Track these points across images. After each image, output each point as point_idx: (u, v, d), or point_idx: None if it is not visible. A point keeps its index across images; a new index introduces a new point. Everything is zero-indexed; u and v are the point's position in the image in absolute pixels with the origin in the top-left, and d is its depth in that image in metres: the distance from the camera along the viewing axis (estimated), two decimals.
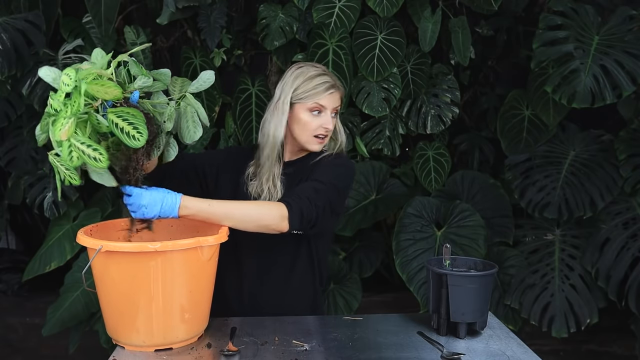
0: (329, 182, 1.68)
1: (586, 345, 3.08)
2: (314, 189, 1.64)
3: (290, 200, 1.59)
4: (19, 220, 3.48)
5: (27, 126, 2.83)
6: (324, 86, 1.72)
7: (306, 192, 1.62)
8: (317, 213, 1.61)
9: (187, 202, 1.48)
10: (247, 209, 1.57)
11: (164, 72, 1.50)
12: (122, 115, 1.33)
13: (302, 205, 1.58)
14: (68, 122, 1.31)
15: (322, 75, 1.74)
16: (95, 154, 1.31)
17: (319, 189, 1.64)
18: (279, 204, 1.58)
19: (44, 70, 1.40)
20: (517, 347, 1.50)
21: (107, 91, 1.34)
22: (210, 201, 1.52)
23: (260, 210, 1.58)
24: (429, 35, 2.71)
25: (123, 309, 1.44)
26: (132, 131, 1.33)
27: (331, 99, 1.73)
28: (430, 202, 2.76)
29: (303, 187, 1.66)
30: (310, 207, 1.60)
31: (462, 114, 3.11)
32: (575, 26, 2.58)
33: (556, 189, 2.74)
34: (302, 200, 1.59)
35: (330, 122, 1.74)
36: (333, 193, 1.68)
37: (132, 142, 1.33)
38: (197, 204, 1.49)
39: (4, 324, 3.19)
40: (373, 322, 1.67)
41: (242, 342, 1.50)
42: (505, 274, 2.75)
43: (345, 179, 1.77)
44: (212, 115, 2.88)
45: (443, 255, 1.64)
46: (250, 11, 2.98)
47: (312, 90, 1.71)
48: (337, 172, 1.74)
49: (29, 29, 2.56)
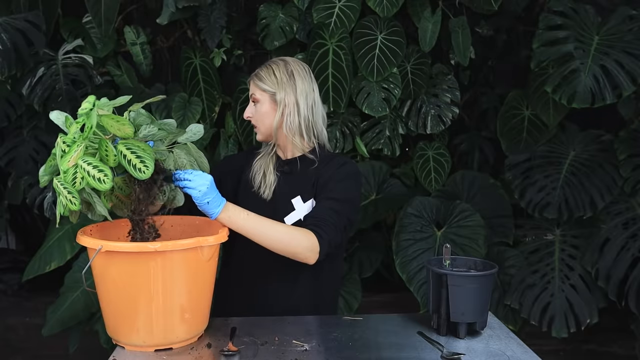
0: (345, 199, 1.72)
1: (586, 345, 3.08)
2: (335, 211, 1.69)
3: (321, 232, 1.63)
4: (19, 220, 3.48)
5: (27, 126, 2.84)
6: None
7: (330, 217, 1.67)
8: (340, 237, 1.70)
9: (229, 205, 1.55)
10: (279, 231, 1.61)
11: (169, 123, 1.55)
12: (131, 148, 1.37)
13: (330, 235, 1.64)
14: (78, 148, 1.33)
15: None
16: (100, 175, 1.33)
17: (339, 211, 1.69)
18: (310, 234, 1.62)
19: (54, 114, 1.45)
20: (517, 347, 1.50)
21: (121, 128, 1.37)
22: (249, 212, 1.58)
23: (292, 236, 1.62)
24: (429, 35, 2.71)
25: (123, 309, 1.44)
26: (139, 164, 1.36)
27: (251, 87, 1.82)
28: (430, 202, 2.76)
29: (324, 210, 1.69)
30: (336, 234, 1.67)
31: (462, 114, 3.11)
32: (575, 26, 2.58)
33: (556, 189, 2.74)
34: (330, 229, 1.64)
35: (246, 110, 1.82)
36: (350, 208, 1.73)
37: (137, 174, 1.36)
38: (236, 211, 1.56)
39: (4, 324, 3.19)
40: (373, 322, 1.67)
41: (242, 342, 1.50)
42: (505, 274, 2.75)
43: (357, 190, 1.81)
44: (212, 115, 2.88)
45: (443, 255, 1.64)
46: (250, 11, 2.98)
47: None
48: (348, 185, 1.76)
49: (29, 29, 2.56)
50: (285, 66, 1.79)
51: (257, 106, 1.79)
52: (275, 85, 1.77)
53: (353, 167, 1.82)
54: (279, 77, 1.77)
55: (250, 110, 1.81)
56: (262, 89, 1.78)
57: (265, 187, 1.79)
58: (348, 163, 1.81)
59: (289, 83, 1.77)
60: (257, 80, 1.79)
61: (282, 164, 1.82)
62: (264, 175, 1.81)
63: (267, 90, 1.77)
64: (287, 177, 1.80)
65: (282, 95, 1.76)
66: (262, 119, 1.79)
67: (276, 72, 1.78)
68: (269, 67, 1.79)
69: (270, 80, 1.77)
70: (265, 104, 1.78)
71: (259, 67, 1.83)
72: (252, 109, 1.81)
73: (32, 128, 2.84)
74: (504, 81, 3.16)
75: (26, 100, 2.67)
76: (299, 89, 1.78)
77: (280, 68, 1.79)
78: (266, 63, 1.82)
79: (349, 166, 1.80)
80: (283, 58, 1.84)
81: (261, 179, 1.81)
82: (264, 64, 1.82)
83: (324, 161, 1.78)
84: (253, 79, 1.80)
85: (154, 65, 2.92)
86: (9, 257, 3.51)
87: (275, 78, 1.77)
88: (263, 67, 1.81)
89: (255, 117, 1.80)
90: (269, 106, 1.78)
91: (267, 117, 1.78)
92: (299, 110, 1.76)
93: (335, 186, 1.74)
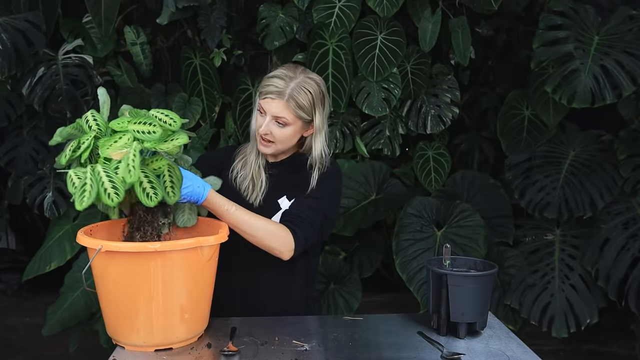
0: (323, 197, 1.74)
1: (586, 345, 3.08)
2: (312, 209, 1.70)
3: (297, 229, 1.65)
4: (19, 220, 3.48)
5: (27, 126, 2.83)
6: (264, 89, 1.70)
7: (307, 215, 1.68)
8: (317, 235, 1.71)
9: (212, 194, 1.57)
10: (257, 225, 1.62)
11: (186, 159, 1.61)
12: (148, 175, 1.38)
13: (306, 232, 1.67)
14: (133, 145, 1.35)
15: (273, 78, 1.70)
16: (111, 191, 1.31)
17: (316, 209, 1.71)
18: (287, 231, 1.64)
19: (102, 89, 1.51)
20: (517, 347, 1.50)
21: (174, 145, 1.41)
22: (230, 204, 1.60)
23: (268, 231, 1.63)
24: (429, 35, 2.71)
25: (123, 309, 1.44)
26: (150, 190, 1.38)
27: (268, 105, 1.69)
28: (430, 202, 2.76)
29: (302, 208, 1.70)
30: (313, 232, 1.69)
31: (462, 114, 3.11)
32: (575, 26, 2.58)
33: (556, 189, 2.74)
34: (306, 227, 1.67)
35: (265, 127, 1.69)
36: (327, 206, 1.75)
37: (146, 200, 1.38)
38: (219, 201, 1.58)
39: (4, 324, 3.19)
40: (373, 322, 1.67)
41: (242, 342, 1.50)
42: (505, 274, 2.75)
43: (336, 188, 1.82)
44: (212, 115, 2.88)
45: (443, 255, 1.64)
46: (250, 11, 2.98)
47: (260, 89, 1.73)
48: (327, 184, 1.77)
49: (29, 29, 2.56)
50: (319, 87, 1.73)
51: (284, 128, 1.70)
52: (312, 112, 1.71)
53: (334, 167, 1.82)
54: (315, 103, 1.71)
55: (273, 129, 1.70)
56: (297, 115, 1.69)
57: (254, 194, 1.78)
58: (330, 165, 1.81)
59: (322, 107, 1.74)
60: (295, 107, 1.68)
61: (270, 167, 1.81)
62: (252, 180, 1.78)
63: (303, 118, 1.71)
64: (274, 179, 1.80)
65: (318, 121, 1.73)
66: (285, 140, 1.72)
67: (314, 96, 1.70)
68: (307, 92, 1.69)
69: (308, 106, 1.69)
70: (295, 127, 1.71)
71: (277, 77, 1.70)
72: (275, 128, 1.70)
73: (32, 128, 2.83)
74: (504, 81, 3.15)
75: (26, 100, 2.67)
76: (325, 110, 1.77)
77: (314, 91, 1.70)
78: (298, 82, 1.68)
79: (331, 167, 1.80)
80: (310, 76, 1.73)
81: (249, 185, 1.78)
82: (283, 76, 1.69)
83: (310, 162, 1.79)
84: (289, 102, 1.67)
85: (154, 65, 2.92)
86: (9, 257, 3.51)
87: (312, 104, 1.70)
88: (298, 89, 1.68)
89: (276, 137, 1.71)
90: (298, 130, 1.73)
91: (293, 140, 1.74)
92: (323, 130, 1.77)
93: (315, 185, 1.75)
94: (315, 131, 1.75)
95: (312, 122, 1.73)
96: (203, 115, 2.85)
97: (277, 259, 1.67)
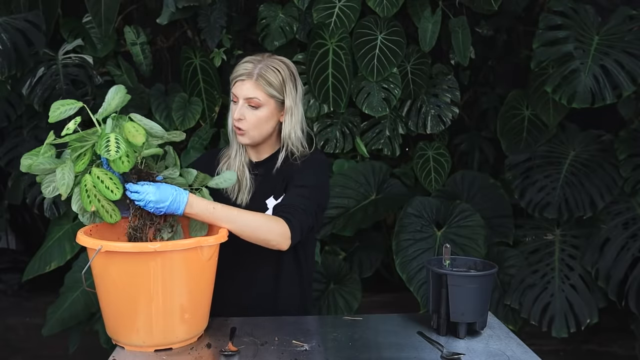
0: (313, 185, 1.69)
1: (586, 345, 3.08)
2: (304, 197, 1.66)
3: (290, 217, 1.60)
4: (19, 220, 3.48)
5: (27, 126, 2.83)
6: (234, 74, 1.69)
7: (299, 202, 1.64)
8: (312, 221, 1.66)
9: (193, 200, 1.48)
10: (249, 219, 1.56)
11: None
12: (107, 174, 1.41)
13: (301, 219, 1.61)
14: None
15: (242, 63, 1.69)
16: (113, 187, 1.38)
17: (308, 196, 1.66)
18: (280, 220, 1.59)
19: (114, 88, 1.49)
20: (517, 347, 1.50)
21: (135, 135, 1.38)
22: (215, 204, 1.52)
23: (263, 223, 1.58)
24: (429, 35, 2.71)
25: (123, 309, 1.44)
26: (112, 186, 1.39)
27: (239, 89, 1.67)
28: (430, 202, 2.76)
29: (293, 197, 1.66)
30: (307, 219, 1.64)
31: (462, 114, 3.11)
32: (575, 26, 2.58)
33: (556, 189, 2.74)
34: (299, 214, 1.62)
35: (238, 111, 1.67)
36: (318, 193, 1.71)
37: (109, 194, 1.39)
38: (202, 205, 1.50)
39: (4, 324, 3.19)
40: (373, 322, 1.67)
41: (242, 342, 1.50)
42: (505, 274, 2.75)
43: (324, 177, 1.79)
44: (212, 115, 2.88)
45: (443, 255, 1.64)
46: (250, 11, 2.98)
47: (231, 77, 1.71)
48: (315, 173, 1.73)
49: (29, 29, 2.56)
50: (288, 68, 1.71)
51: (257, 111, 1.67)
52: (283, 91, 1.68)
53: (319, 156, 1.80)
54: (286, 81, 1.68)
55: (245, 114, 1.67)
56: (269, 94, 1.66)
57: (241, 193, 1.75)
58: (314, 153, 1.78)
59: (293, 87, 1.71)
60: (265, 85, 1.65)
61: (255, 167, 1.79)
62: (238, 182, 1.75)
63: (275, 97, 1.68)
64: (260, 179, 1.77)
65: (290, 102, 1.69)
66: (259, 124, 1.69)
67: (283, 75, 1.68)
68: (275, 70, 1.67)
69: (278, 84, 1.67)
70: (268, 109, 1.68)
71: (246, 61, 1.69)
72: (247, 111, 1.67)
73: (32, 128, 2.83)
74: (504, 81, 3.16)
75: (26, 100, 2.67)
76: (298, 93, 1.73)
77: (284, 70, 1.69)
78: (266, 62, 1.67)
79: (315, 155, 1.78)
80: (278, 57, 1.72)
81: (235, 185, 1.75)
82: (251, 59, 1.68)
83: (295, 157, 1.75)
84: (258, 81, 1.65)
85: (154, 65, 2.92)
86: (9, 257, 3.51)
87: (282, 82, 1.68)
88: (266, 68, 1.66)
89: (249, 121, 1.68)
90: (271, 112, 1.69)
91: (268, 123, 1.70)
92: (298, 115, 1.73)
93: (301, 176, 1.71)
94: (285, 111, 1.70)
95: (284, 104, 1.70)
96: (203, 115, 2.85)
97: (276, 259, 1.66)
